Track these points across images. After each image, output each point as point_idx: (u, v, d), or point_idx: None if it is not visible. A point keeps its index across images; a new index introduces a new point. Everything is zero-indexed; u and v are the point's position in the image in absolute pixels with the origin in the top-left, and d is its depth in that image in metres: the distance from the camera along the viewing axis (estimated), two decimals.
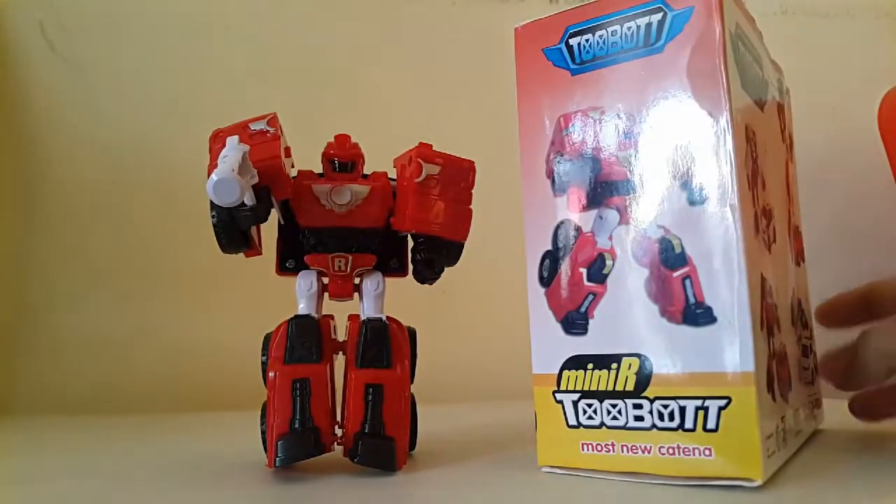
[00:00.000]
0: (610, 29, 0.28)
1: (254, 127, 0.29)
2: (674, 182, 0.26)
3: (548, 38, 0.30)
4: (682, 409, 0.26)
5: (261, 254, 0.32)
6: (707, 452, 0.25)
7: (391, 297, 0.31)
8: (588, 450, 0.28)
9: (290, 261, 0.32)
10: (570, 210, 0.29)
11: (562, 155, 0.29)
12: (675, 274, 0.26)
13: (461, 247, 0.32)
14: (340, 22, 0.63)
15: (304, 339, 0.29)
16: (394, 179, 0.31)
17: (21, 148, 0.59)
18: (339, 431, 0.29)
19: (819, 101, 0.41)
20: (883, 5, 0.61)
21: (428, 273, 0.31)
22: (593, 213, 0.28)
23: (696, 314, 0.26)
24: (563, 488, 0.27)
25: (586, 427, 0.28)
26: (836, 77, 0.57)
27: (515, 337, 0.39)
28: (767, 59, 0.33)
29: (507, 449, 0.34)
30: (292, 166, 0.31)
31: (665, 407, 0.26)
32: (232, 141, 0.27)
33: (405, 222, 0.30)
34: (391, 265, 0.32)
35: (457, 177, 0.31)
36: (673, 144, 0.26)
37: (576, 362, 0.28)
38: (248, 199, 0.27)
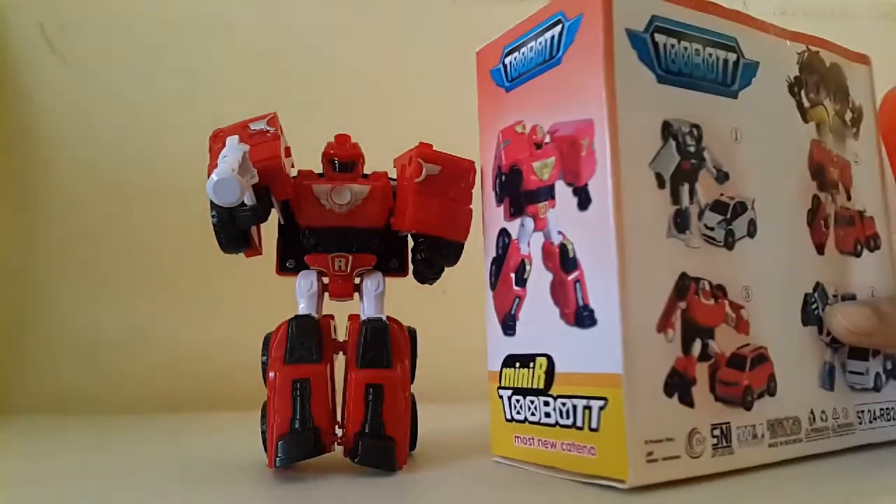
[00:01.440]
0: (529, 45, 0.30)
1: (254, 127, 0.29)
2: (568, 189, 0.27)
3: (493, 59, 0.32)
4: (574, 408, 0.27)
5: (261, 254, 0.32)
6: (592, 451, 0.26)
7: (391, 297, 0.31)
8: (518, 442, 0.30)
9: (290, 261, 0.32)
10: (505, 219, 0.31)
11: (500, 167, 0.31)
12: (570, 277, 0.27)
13: (461, 247, 0.32)
14: (341, 22, 0.63)
15: (304, 339, 0.28)
16: (394, 179, 0.31)
17: (21, 148, 0.59)
18: (339, 431, 0.29)
19: None
20: (883, 5, 0.61)
21: (428, 273, 0.31)
22: (518, 221, 0.30)
23: (583, 316, 0.26)
24: (562, 489, 0.27)
25: (516, 421, 0.30)
26: None
27: None
28: (763, 37, 0.31)
29: None
30: (292, 166, 0.31)
31: (563, 405, 0.27)
32: (232, 141, 0.27)
33: (405, 222, 0.30)
34: (391, 265, 0.32)
35: (457, 177, 0.31)
36: (567, 151, 0.27)
37: (510, 361, 0.30)
38: (248, 199, 0.27)
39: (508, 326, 0.30)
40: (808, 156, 0.32)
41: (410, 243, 0.32)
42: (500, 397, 0.31)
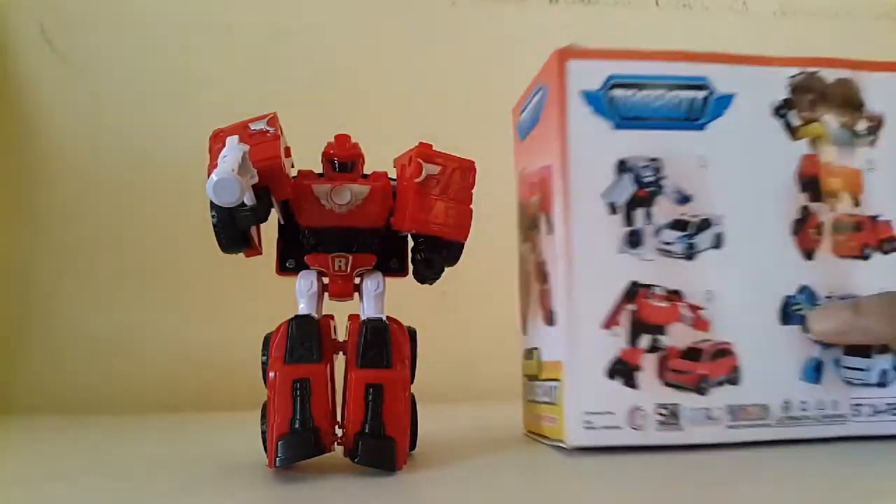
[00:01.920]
0: (528, 107, 0.37)
1: (254, 127, 0.29)
2: (543, 218, 0.35)
3: (517, 115, 0.39)
4: (549, 388, 0.34)
5: (261, 254, 0.32)
6: (555, 421, 0.33)
7: (391, 297, 0.31)
8: (531, 418, 0.37)
9: (290, 261, 0.32)
10: (523, 242, 0.39)
11: (520, 202, 0.39)
12: (546, 287, 0.34)
13: (461, 247, 0.32)
14: (340, 22, 0.63)
15: (304, 339, 0.28)
16: (394, 179, 0.31)
17: (21, 148, 0.59)
18: (339, 431, 0.29)
19: None
20: (883, 5, 0.61)
21: (428, 273, 0.31)
22: (528, 244, 0.37)
23: (551, 318, 0.34)
24: (559, 489, 0.27)
25: (529, 401, 0.37)
26: None
27: (514, 337, 0.39)
28: (740, 70, 0.34)
29: (506, 449, 0.35)
30: (292, 166, 0.31)
31: (546, 386, 0.34)
32: (232, 141, 0.27)
33: (405, 222, 0.30)
34: (391, 265, 0.32)
35: (457, 176, 0.31)
36: (544, 190, 0.34)
37: (526, 353, 0.38)
38: (248, 199, 0.27)
39: (525, 327, 0.38)
40: (796, 170, 0.35)
41: (410, 243, 0.32)
42: (524, 383, 0.38)
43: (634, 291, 0.33)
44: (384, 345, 0.29)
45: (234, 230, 0.28)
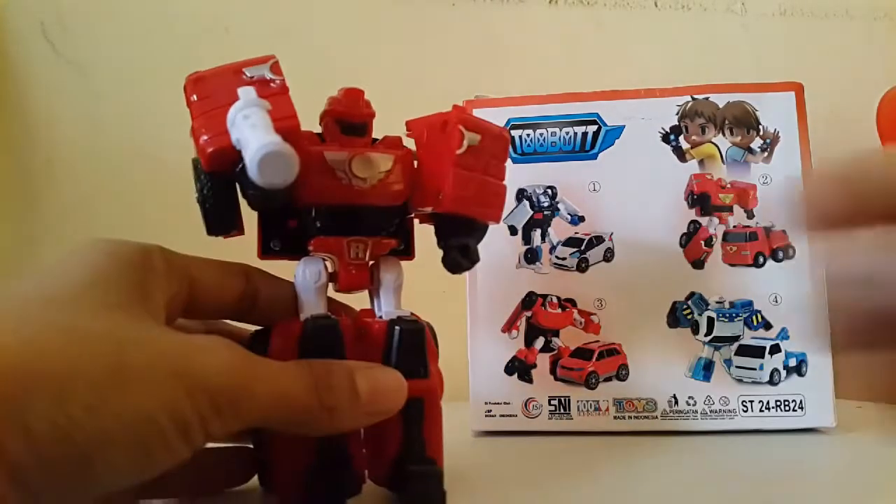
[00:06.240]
0: None
1: (250, 73, 0.23)
2: None
3: None
4: None
5: (243, 233, 0.26)
6: None
7: None
8: None
9: (274, 241, 0.26)
10: None
11: None
12: None
13: (486, 231, 0.27)
14: (340, 23, 0.60)
15: (324, 350, 0.22)
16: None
17: (22, 148, 0.56)
18: None
19: (818, 101, 0.39)
20: (882, 5, 0.61)
21: (465, 261, 0.26)
22: None
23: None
24: (557, 487, 0.26)
25: None
26: (835, 77, 0.56)
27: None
28: (630, 103, 0.38)
29: (506, 447, 0.34)
30: None
31: None
32: (247, 94, 0.21)
33: (444, 202, 0.24)
34: (397, 248, 0.27)
35: (494, 148, 0.26)
36: None
37: None
38: None
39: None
40: (686, 189, 0.37)
41: (416, 223, 0.27)
42: None
43: (532, 300, 0.37)
44: (421, 351, 0.23)
45: (225, 208, 0.23)
